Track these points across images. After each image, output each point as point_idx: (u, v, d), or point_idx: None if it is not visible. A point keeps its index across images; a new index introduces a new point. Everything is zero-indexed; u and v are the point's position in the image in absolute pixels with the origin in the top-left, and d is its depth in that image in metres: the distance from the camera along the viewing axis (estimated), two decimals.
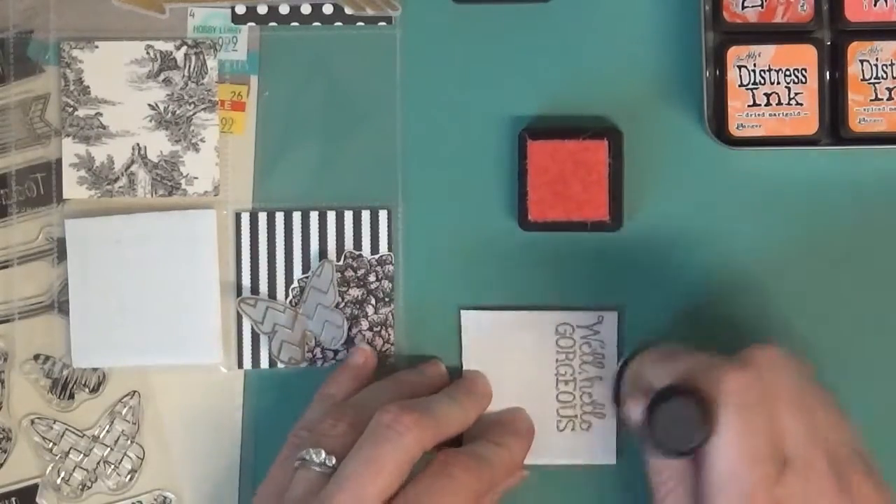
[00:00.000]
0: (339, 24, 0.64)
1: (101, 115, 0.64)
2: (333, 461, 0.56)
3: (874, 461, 0.55)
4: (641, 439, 0.55)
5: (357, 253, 0.64)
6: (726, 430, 0.52)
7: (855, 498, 0.52)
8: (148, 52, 0.64)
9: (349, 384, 0.61)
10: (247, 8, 0.64)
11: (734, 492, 0.51)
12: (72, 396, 0.64)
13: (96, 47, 0.64)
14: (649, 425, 0.53)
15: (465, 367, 0.64)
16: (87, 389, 0.64)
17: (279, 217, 0.64)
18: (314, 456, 0.56)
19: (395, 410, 0.56)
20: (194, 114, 0.64)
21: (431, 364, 0.63)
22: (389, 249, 0.64)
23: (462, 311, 0.63)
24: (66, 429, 0.64)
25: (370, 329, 0.64)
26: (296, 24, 0.64)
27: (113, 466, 0.64)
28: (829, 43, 0.61)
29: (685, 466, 0.54)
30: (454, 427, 0.59)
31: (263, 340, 0.64)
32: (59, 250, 0.64)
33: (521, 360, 0.63)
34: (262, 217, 0.64)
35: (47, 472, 0.64)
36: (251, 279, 0.64)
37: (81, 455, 0.64)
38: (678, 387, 0.53)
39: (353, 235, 0.64)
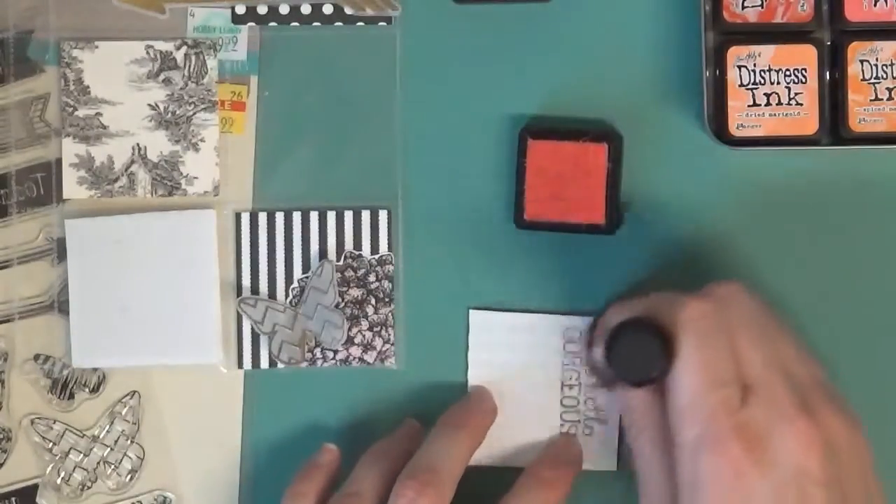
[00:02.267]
0: (339, 24, 0.64)
1: (101, 115, 0.64)
2: None
3: (840, 392, 0.55)
4: (606, 381, 0.55)
5: (357, 253, 0.64)
6: (686, 357, 0.53)
7: (820, 423, 0.52)
8: (148, 52, 0.64)
9: (321, 481, 0.60)
10: (247, 8, 0.64)
11: (696, 416, 0.52)
12: (72, 396, 0.64)
13: (96, 47, 0.64)
14: (609, 357, 0.53)
15: (470, 368, 0.64)
16: (87, 389, 0.64)
17: (279, 217, 0.64)
18: None
19: (409, 494, 0.56)
20: (194, 114, 0.64)
21: (406, 426, 0.63)
22: (389, 249, 0.64)
23: (471, 311, 0.63)
24: (66, 429, 0.64)
25: (370, 329, 0.64)
26: (296, 24, 0.64)
27: (113, 466, 0.64)
28: (829, 43, 0.61)
29: (654, 404, 0.55)
30: (464, 465, 0.59)
31: (263, 340, 0.64)
32: (59, 250, 0.64)
33: (528, 362, 0.63)
34: (262, 217, 0.64)
35: (47, 472, 0.64)
36: (251, 279, 0.64)
37: (81, 455, 0.64)
38: (636, 319, 0.54)
39: (353, 235, 0.64)
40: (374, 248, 0.64)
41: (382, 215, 0.64)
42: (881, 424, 0.62)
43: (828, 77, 0.61)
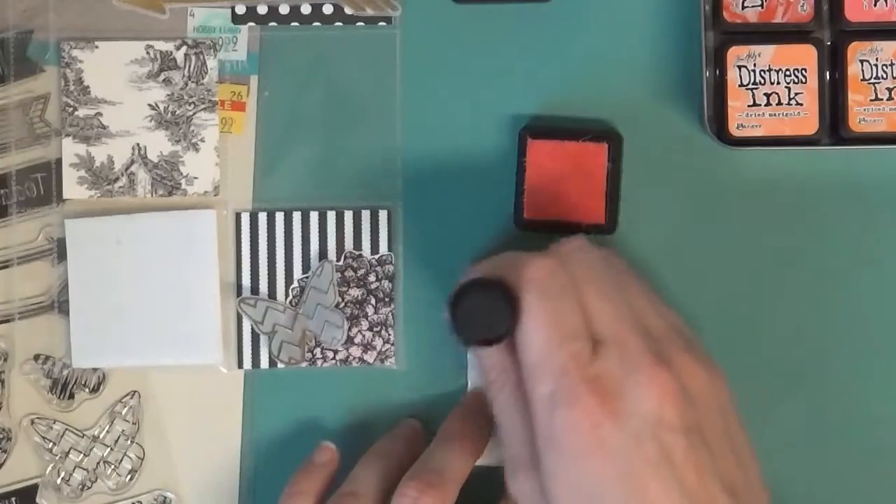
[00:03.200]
0: (339, 24, 0.64)
1: (101, 115, 0.64)
2: None
3: (698, 340, 0.55)
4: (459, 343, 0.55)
5: (357, 253, 0.64)
6: (532, 314, 0.53)
7: (675, 370, 0.52)
8: (148, 52, 0.64)
9: (320, 480, 0.61)
10: (247, 8, 0.64)
11: (547, 372, 0.52)
12: (72, 396, 0.64)
13: (96, 47, 0.64)
14: (453, 317, 0.53)
15: (469, 368, 0.63)
16: (87, 389, 0.64)
17: (279, 217, 0.64)
18: None
19: (412, 494, 0.56)
20: (194, 114, 0.64)
21: (405, 426, 0.63)
22: (389, 249, 0.64)
23: None
24: (66, 429, 0.64)
25: (370, 329, 0.64)
26: (296, 24, 0.64)
27: (113, 466, 0.64)
28: (829, 43, 0.61)
29: (509, 363, 0.54)
30: (466, 473, 0.59)
31: (263, 340, 0.64)
32: (59, 250, 0.64)
33: None
34: (262, 217, 0.64)
35: (47, 472, 0.64)
36: (251, 279, 0.64)
37: (81, 455, 0.64)
38: (479, 279, 0.54)
39: (353, 235, 0.64)
40: (374, 248, 0.64)
41: (382, 215, 0.64)
42: (880, 417, 0.63)
43: (828, 77, 0.61)
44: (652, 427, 0.51)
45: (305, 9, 0.64)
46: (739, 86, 0.60)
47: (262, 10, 0.64)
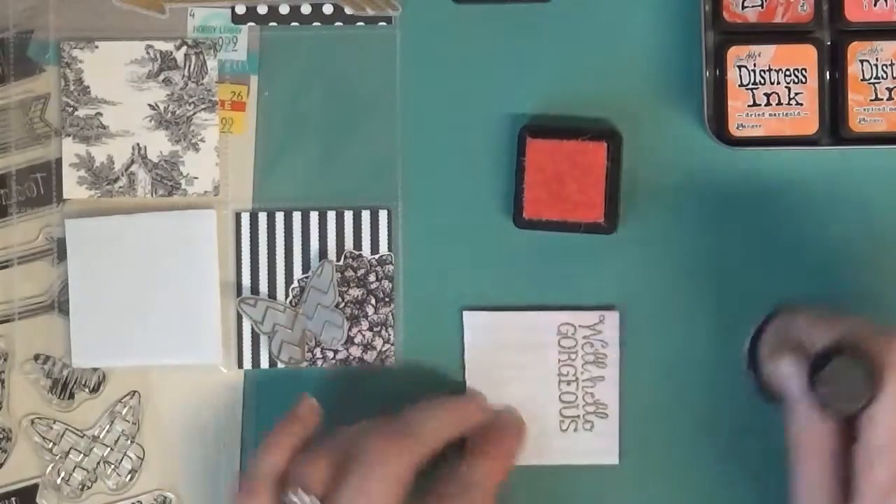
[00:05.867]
0: (339, 24, 0.64)
1: (101, 115, 0.64)
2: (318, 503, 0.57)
3: None
4: (781, 403, 0.53)
5: (357, 253, 0.64)
6: (891, 395, 0.51)
7: None
8: (148, 52, 0.64)
9: (297, 434, 0.60)
10: (247, 8, 0.64)
11: (893, 457, 0.50)
12: (72, 396, 0.64)
13: (96, 47, 0.64)
14: (814, 383, 0.52)
15: (466, 368, 0.64)
16: (87, 389, 0.64)
17: (279, 217, 0.64)
18: (298, 499, 0.56)
19: (379, 440, 0.56)
20: (194, 114, 0.64)
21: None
22: (389, 249, 0.64)
23: (465, 312, 0.63)
24: (66, 429, 0.64)
25: (370, 329, 0.64)
26: (296, 24, 0.64)
27: (113, 466, 0.64)
28: (829, 43, 0.61)
29: (832, 430, 0.52)
30: (439, 440, 0.59)
31: (263, 340, 0.64)
32: (59, 250, 0.64)
33: (524, 360, 0.63)
34: (262, 217, 0.64)
35: (47, 472, 0.64)
36: (251, 279, 0.64)
37: (81, 455, 0.64)
38: (845, 346, 0.52)
39: (353, 235, 0.64)
40: (374, 248, 0.64)
41: (382, 215, 0.64)
42: None
43: (828, 77, 0.61)
44: None
45: (305, 9, 0.64)
46: (739, 86, 0.60)
47: (262, 10, 0.64)
